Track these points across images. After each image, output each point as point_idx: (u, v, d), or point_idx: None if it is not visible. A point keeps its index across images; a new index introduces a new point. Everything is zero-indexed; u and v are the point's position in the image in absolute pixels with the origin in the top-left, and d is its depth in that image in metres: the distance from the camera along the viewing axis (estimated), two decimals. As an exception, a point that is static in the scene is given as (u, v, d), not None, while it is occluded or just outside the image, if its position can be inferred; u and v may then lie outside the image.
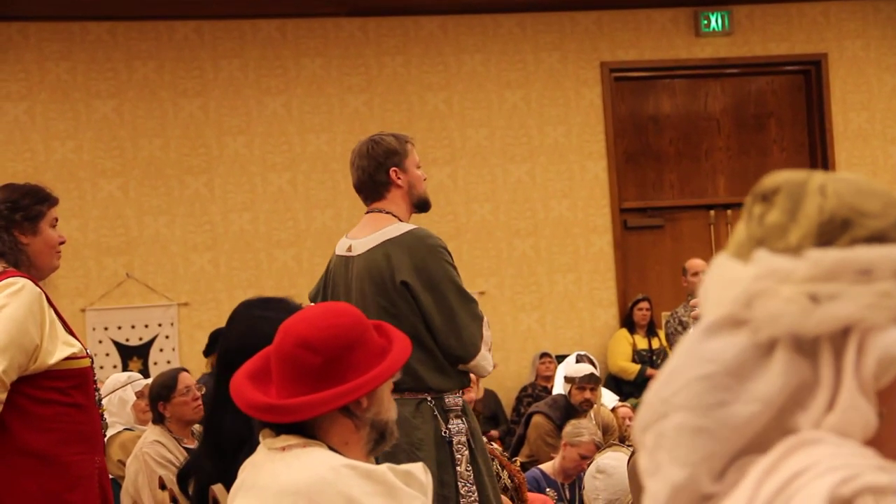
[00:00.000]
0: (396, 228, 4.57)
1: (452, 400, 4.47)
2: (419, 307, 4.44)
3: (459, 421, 4.45)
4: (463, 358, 4.48)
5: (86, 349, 4.29)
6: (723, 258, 1.25)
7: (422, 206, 4.75)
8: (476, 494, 4.40)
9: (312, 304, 4.76)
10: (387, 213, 4.64)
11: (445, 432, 4.42)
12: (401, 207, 4.67)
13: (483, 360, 4.52)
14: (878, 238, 1.18)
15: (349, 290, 4.58)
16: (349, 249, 4.64)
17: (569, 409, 7.67)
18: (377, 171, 4.64)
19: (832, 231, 1.19)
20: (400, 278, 4.44)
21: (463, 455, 4.40)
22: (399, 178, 4.65)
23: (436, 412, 4.43)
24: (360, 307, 4.41)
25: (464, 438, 4.43)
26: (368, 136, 4.77)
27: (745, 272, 1.20)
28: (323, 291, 4.76)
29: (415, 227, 4.61)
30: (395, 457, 4.15)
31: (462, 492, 4.38)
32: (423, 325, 4.44)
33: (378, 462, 4.05)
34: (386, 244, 4.52)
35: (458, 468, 4.39)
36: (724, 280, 1.22)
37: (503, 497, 5.65)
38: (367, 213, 4.71)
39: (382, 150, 4.66)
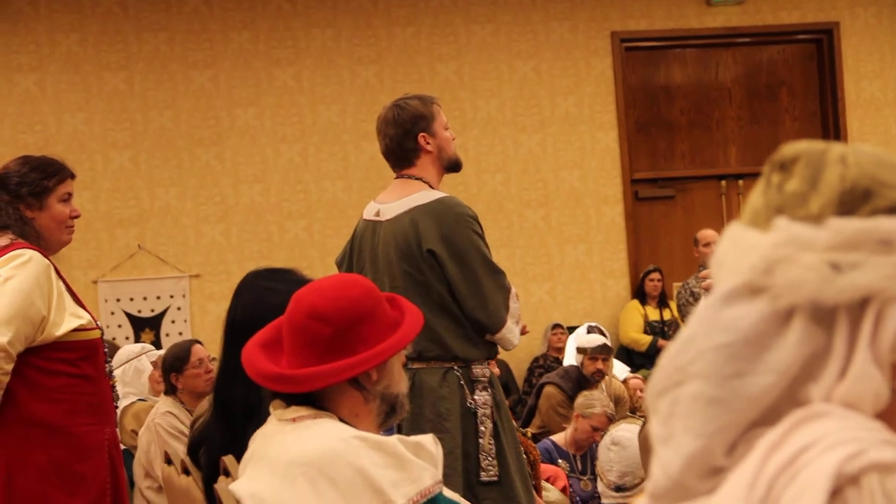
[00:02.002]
0: (425, 195, 4.45)
1: (480, 370, 4.39)
2: (445, 276, 4.35)
3: (486, 393, 4.36)
4: (488, 329, 4.39)
5: (96, 321, 4.28)
6: (737, 227, 1.24)
7: (453, 167, 4.61)
8: (497, 469, 4.32)
9: (339, 269, 4.72)
10: (416, 178, 4.52)
11: (471, 403, 4.34)
12: (431, 173, 4.54)
13: (509, 333, 4.43)
14: None
15: (375, 255, 4.49)
16: (377, 214, 4.54)
17: (581, 380, 7.68)
18: (405, 139, 4.49)
19: (853, 200, 1.19)
20: (426, 246, 4.35)
21: (487, 427, 4.33)
22: (428, 144, 4.50)
23: (462, 381, 4.35)
24: (386, 273, 4.41)
25: (488, 411, 4.35)
26: (393, 101, 4.59)
27: (764, 240, 1.19)
28: (349, 256, 4.65)
29: (445, 194, 4.49)
30: (421, 427, 4.12)
31: (483, 465, 4.30)
32: (450, 293, 4.36)
33: (400, 430, 4.06)
34: (414, 211, 4.42)
35: (480, 440, 4.31)
36: (740, 248, 1.21)
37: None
38: (397, 178, 4.59)
39: (409, 116, 4.49)
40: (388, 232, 4.47)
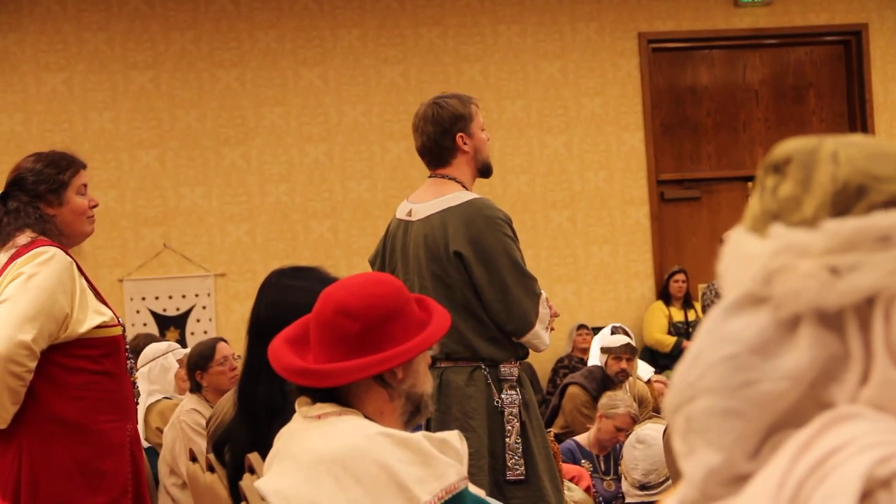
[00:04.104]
0: (458, 196, 4.43)
1: (508, 370, 4.36)
2: (471, 279, 4.32)
3: (513, 392, 4.34)
4: (513, 333, 4.37)
5: (118, 318, 4.28)
6: (739, 233, 1.23)
7: (485, 170, 4.59)
8: (523, 468, 4.30)
9: (372, 267, 4.70)
10: (451, 178, 4.50)
11: (498, 402, 4.31)
12: (465, 173, 4.52)
13: (535, 338, 4.39)
14: (894, 202, 1.15)
15: (406, 254, 4.48)
16: (409, 213, 4.52)
17: (605, 380, 7.66)
18: (443, 138, 4.48)
19: (847, 199, 1.16)
20: (454, 248, 4.32)
21: (513, 427, 4.31)
22: (465, 144, 4.49)
23: (489, 380, 4.33)
24: (416, 273, 4.41)
25: (516, 410, 4.33)
26: (432, 99, 4.59)
27: (762, 248, 1.18)
28: (381, 254, 4.65)
29: (477, 196, 4.46)
30: (449, 426, 4.11)
31: (509, 464, 4.29)
32: (476, 296, 4.33)
33: (428, 428, 4.06)
34: (445, 212, 4.39)
35: (507, 439, 4.30)
36: (741, 257, 1.20)
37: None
38: (430, 177, 4.57)
39: (448, 115, 4.49)
40: (419, 232, 4.45)
